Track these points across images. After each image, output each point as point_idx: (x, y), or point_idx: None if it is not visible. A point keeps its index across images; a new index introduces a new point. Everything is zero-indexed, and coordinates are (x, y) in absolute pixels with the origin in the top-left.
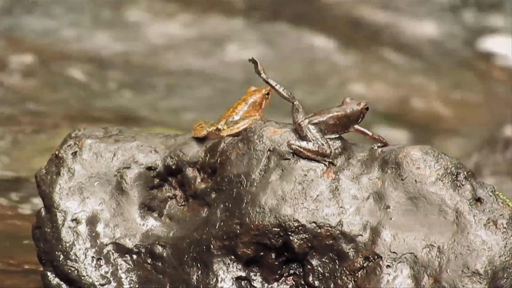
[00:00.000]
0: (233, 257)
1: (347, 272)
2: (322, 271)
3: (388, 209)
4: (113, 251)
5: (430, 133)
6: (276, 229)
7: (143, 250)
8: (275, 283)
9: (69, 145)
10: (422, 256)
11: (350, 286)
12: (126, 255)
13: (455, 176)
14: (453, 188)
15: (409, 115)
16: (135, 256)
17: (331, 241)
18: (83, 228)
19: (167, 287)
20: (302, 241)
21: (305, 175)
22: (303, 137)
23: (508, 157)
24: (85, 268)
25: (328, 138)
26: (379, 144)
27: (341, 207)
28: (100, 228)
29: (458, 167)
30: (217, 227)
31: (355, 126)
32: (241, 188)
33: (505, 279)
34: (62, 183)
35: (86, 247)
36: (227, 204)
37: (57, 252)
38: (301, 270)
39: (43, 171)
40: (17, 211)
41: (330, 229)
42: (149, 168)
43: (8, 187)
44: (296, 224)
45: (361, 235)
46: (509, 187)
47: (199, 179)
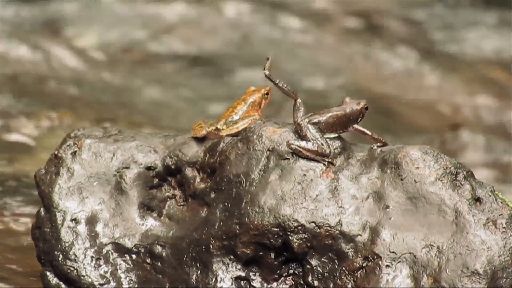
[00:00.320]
0: (232, 257)
1: (347, 272)
2: (321, 271)
3: (387, 209)
4: (112, 251)
5: None
6: (275, 229)
7: (143, 250)
8: (275, 283)
9: (68, 145)
10: (421, 256)
11: (349, 286)
12: (125, 255)
13: (454, 176)
14: (452, 188)
15: None
16: (134, 256)
17: (330, 241)
18: (82, 228)
19: (167, 287)
20: (301, 241)
21: (305, 175)
22: (302, 136)
23: None
24: (85, 268)
25: (327, 137)
26: (379, 144)
27: (341, 207)
28: (99, 228)
29: (457, 167)
30: (216, 227)
31: (355, 125)
32: (241, 188)
33: (504, 279)
34: (61, 183)
35: (85, 247)
36: (226, 204)
37: (56, 252)
38: (301, 270)
39: (42, 171)
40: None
41: (329, 229)
42: (149, 168)
43: None
44: (295, 224)
45: (361, 235)
46: None
47: (198, 179)
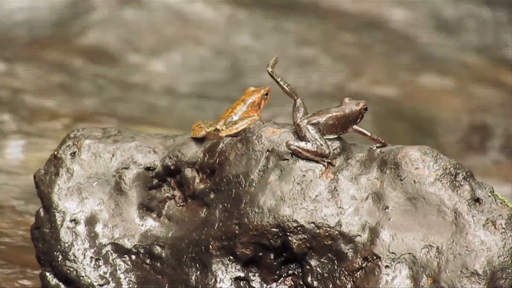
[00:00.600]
0: (232, 257)
1: (346, 272)
2: (320, 272)
3: (387, 210)
4: (111, 252)
5: None
6: (274, 229)
7: (142, 250)
8: (274, 284)
9: (67, 146)
10: (421, 256)
11: (348, 286)
12: (125, 256)
13: (454, 176)
14: (452, 188)
15: None
16: (133, 256)
17: (329, 242)
18: (81, 228)
19: (166, 287)
20: (300, 242)
21: (304, 175)
22: (302, 137)
23: None
24: (84, 268)
25: (327, 138)
26: (378, 144)
27: (340, 207)
28: (98, 228)
29: (457, 168)
30: (216, 228)
31: (354, 126)
32: (240, 188)
33: (504, 280)
34: (61, 183)
35: (84, 248)
36: (226, 204)
37: (55, 252)
38: (300, 270)
39: (42, 171)
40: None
41: (328, 229)
42: (148, 168)
43: None
44: (294, 224)
45: (360, 236)
46: None
47: (198, 180)
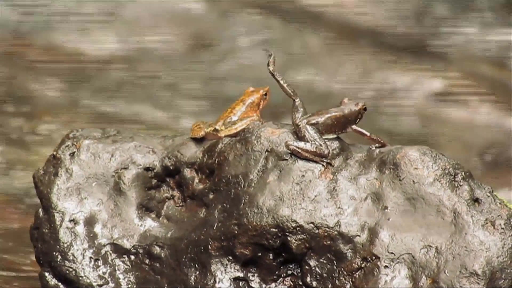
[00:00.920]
0: (231, 257)
1: (345, 272)
2: (320, 272)
3: (386, 210)
4: (111, 252)
5: None
6: (274, 229)
7: (141, 250)
8: (273, 284)
9: (66, 146)
10: (420, 256)
11: (348, 286)
12: (124, 256)
13: (453, 176)
14: (451, 188)
15: None
16: (133, 256)
17: (329, 242)
18: (81, 228)
19: (165, 287)
20: (300, 242)
21: (303, 175)
22: (301, 137)
23: None
24: (83, 268)
25: (326, 138)
26: (377, 144)
27: (339, 207)
28: (98, 228)
29: (456, 168)
30: (215, 228)
31: (353, 126)
32: (239, 188)
33: (503, 280)
34: (60, 183)
35: (84, 248)
36: (225, 204)
37: (55, 252)
38: (299, 270)
39: (41, 171)
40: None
41: (328, 229)
42: (147, 168)
43: None
44: (294, 224)
45: (359, 236)
46: None
47: (197, 180)
